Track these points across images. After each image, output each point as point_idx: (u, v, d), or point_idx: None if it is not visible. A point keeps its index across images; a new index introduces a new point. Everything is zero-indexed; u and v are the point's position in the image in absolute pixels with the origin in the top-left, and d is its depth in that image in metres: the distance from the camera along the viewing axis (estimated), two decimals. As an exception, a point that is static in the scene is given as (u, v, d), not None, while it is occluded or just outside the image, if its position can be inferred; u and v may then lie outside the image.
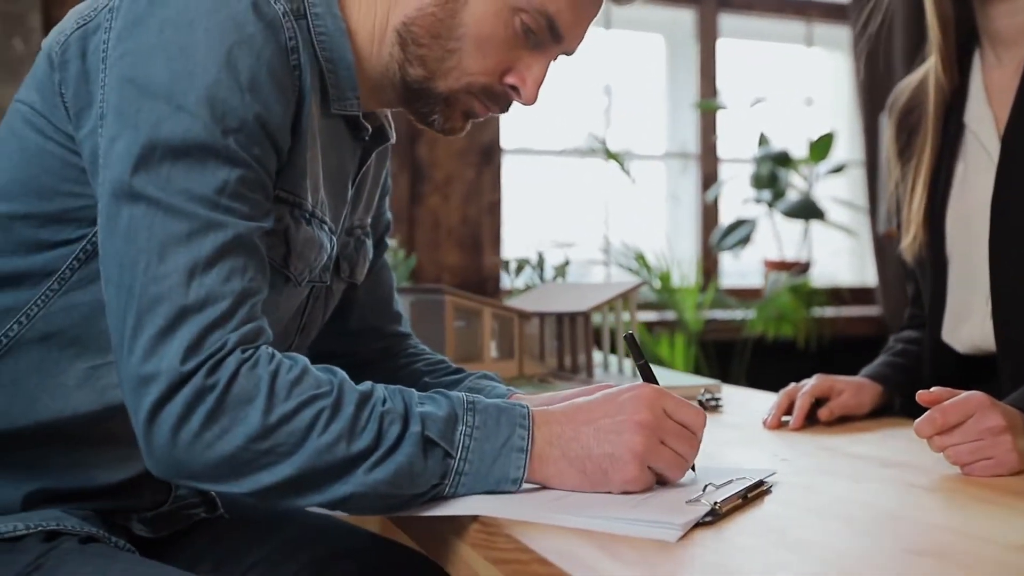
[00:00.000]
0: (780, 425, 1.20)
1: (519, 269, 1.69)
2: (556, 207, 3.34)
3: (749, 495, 0.83)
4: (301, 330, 1.03)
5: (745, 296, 3.26)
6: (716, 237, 3.15)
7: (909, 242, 1.34)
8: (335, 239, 0.98)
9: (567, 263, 1.74)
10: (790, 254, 3.25)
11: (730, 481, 0.85)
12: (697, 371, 2.85)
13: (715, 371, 2.91)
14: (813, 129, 3.45)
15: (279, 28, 0.83)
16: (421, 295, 1.49)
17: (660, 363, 2.76)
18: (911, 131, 1.38)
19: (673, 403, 0.85)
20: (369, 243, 1.12)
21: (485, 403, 0.83)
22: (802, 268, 3.23)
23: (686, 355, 2.76)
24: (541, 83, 0.97)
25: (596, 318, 1.57)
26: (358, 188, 1.07)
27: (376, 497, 0.79)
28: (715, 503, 0.78)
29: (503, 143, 3.10)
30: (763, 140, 3.22)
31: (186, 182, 0.78)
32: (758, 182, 3.19)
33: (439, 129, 0.98)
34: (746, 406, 1.37)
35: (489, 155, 3.07)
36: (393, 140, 1.07)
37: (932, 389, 0.96)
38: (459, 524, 0.82)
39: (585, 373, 1.48)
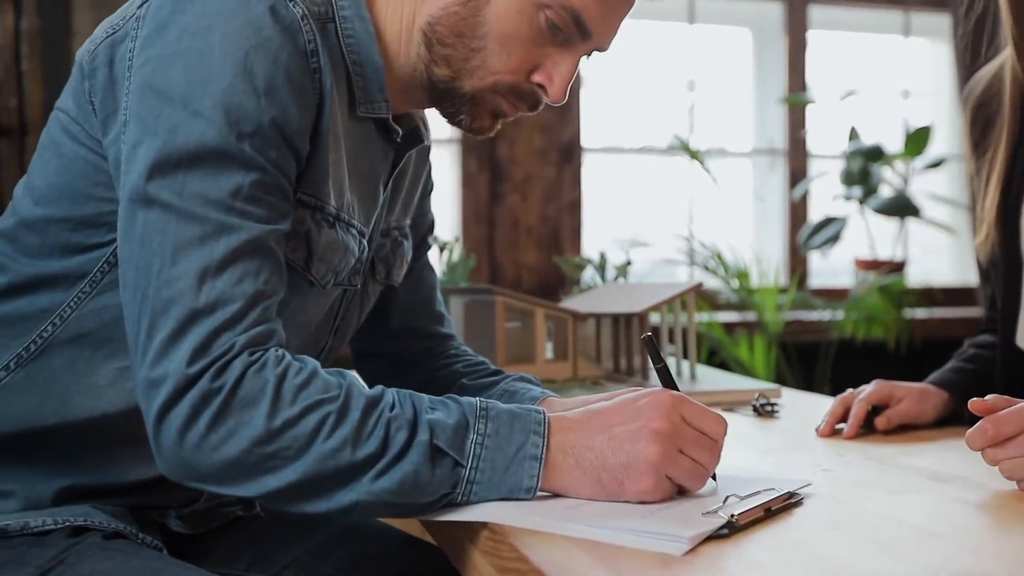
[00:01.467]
0: (833, 433, 1.15)
1: (579, 269, 1.67)
2: (639, 206, 3.29)
3: (773, 508, 0.79)
4: (335, 331, 1.04)
5: (832, 296, 3.15)
6: (803, 236, 3.06)
7: (981, 241, 1.26)
8: (366, 242, 0.98)
9: (629, 263, 1.70)
10: (884, 253, 3.13)
11: (757, 492, 0.81)
12: (778, 374, 2.77)
13: (797, 374, 2.82)
14: (910, 122, 3.31)
15: (297, 31, 0.83)
16: (473, 296, 1.48)
17: (740, 365, 2.69)
18: (986, 124, 1.30)
19: (692, 409, 0.82)
20: (407, 244, 1.12)
21: (499, 409, 0.81)
22: (895, 267, 3.10)
23: (766, 357, 2.68)
24: (569, 81, 0.95)
25: (655, 319, 1.53)
26: (394, 190, 1.07)
27: (383, 506, 0.78)
28: (732, 515, 0.75)
29: (584, 141, 3.07)
30: (853, 135, 3.10)
31: (201, 187, 0.78)
32: (848, 178, 3.08)
33: (467, 129, 0.97)
34: (806, 412, 1.31)
35: (569, 153, 3.05)
36: (428, 142, 1.06)
37: (987, 397, 0.90)
38: (472, 529, 0.81)
39: (640, 376, 1.45)
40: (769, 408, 1.28)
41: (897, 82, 3.47)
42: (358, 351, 1.20)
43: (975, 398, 0.90)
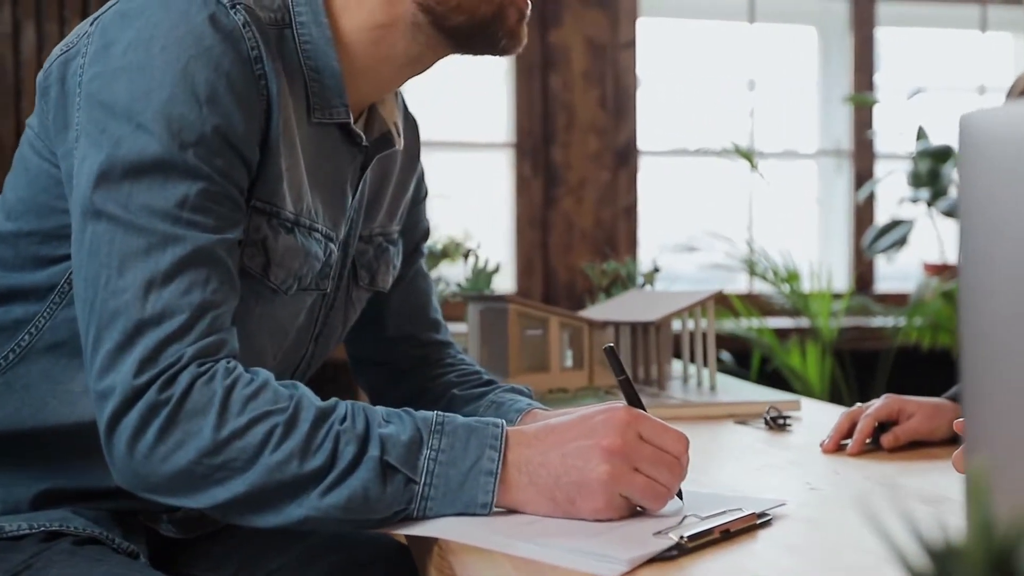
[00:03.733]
0: (838, 449, 1.10)
1: (605, 276, 1.64)
2: (698, 209, 3.23)
3: (732, 530, 0.76)
4: (316, 338, 1.04)
5: (895, 302, 3.04)
6: (868, 239, 2.96)
7: None
8: (334, 246, 0.98)
9: (656, 270, 1.67)
10: (955, 257, 3.01)
11: (722, 512, 0.78)
12: (832, 383, 2.69)
13: (852, 384, 2.73)
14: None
15: (239, 39, 0.83)
16: (488, 304, 1.47)
17: (793, 374, 2.62)
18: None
19: (650, 426, 0.79)
20: (394, 250, 1.11)
21: (456, 423, 0.80)
22: (966, 272, 2.98)
23: (820, 366, 2.60)
24: None
25: (677, 326, 1.50)
26: (376, 195, 1.06)
27: (333, 522, 0.78)
28: (682, 537, 0.72)
29: (641, 144, 3.03)
30: (921, 134, 2.99)
31: (147, 198, 0.79)
32: (916, 180, 2.97)
33: (508, 46, 0.97)
34: (822, 426, 1.26)
35: (625, 157, 3.02)
36: (399, 147, 1.05)
37: None
38: (425, 544, 0.80)
39: (657, 386, 1.42)
40: (781, 421, 1.24)
41: (973, 79, 3.34)
42: (356, 359, 1.20)
43: (960, 419, 0.85)
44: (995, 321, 0.49)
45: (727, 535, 0.76)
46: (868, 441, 1.09)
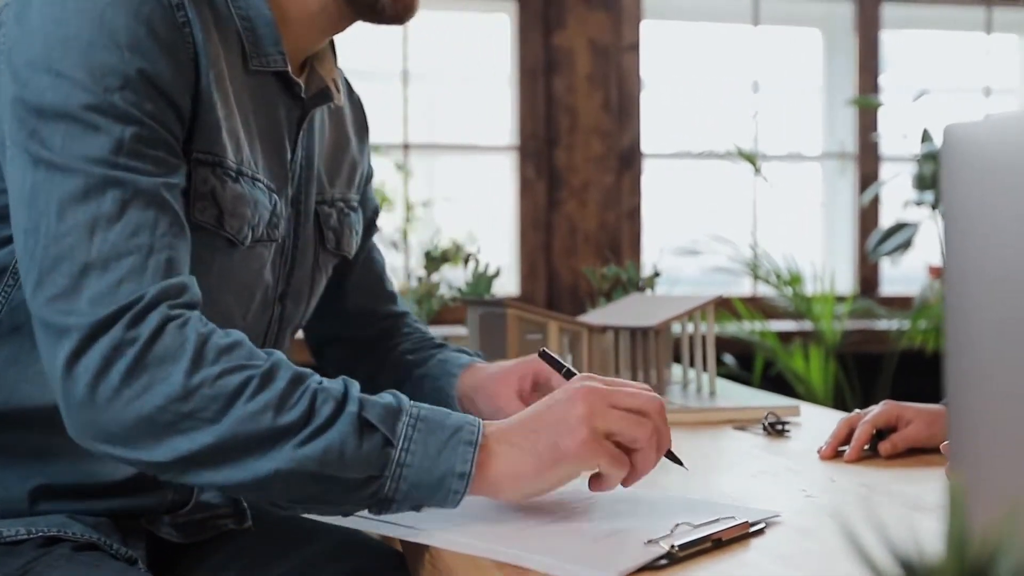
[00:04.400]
0: (836, 456, 1.10)
1: (606, 280, 1.64)
2: (702, 212, 3.23)
3: (724, 539, 0.76)
4: (282, 298, 1.04)
5: (900, 306, 3.03)
6: (872, 242, 2.95)
7: None
8: (277, 197, 0.97)
9: (657, 275, 1.67)
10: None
11: (713, 521, 0.78)
12: (836, 387, 2.68)
13: (856, 387, 2.72)
14: (989, 124, 3.17)
15: None
16: (487, 308, 1.47)
17: (796, 377, 2.61)
18: None
19: (618, 392, 0.81)
20: (355, 217, 1.14)
21: (433, 407, 0.81)
22: (971, 275, 2.97)
23: (824, 369, 2.59)
24: None
25: (677, 330, 1.50)
26: (333, 159, 1.10)
27: (304, 477, 0.75)
28: (673, 546, 0.72)
29: (644, 147, 3.03)
30: (926, 137, 2.98)
31: (81, 146, 0.79)
32: (921, 182, 2.96)
33: (397, 11, 0.97)
34: (822, 432, 1.26)
35: (629, 160, 3.01)
36: (339, 102, 1.05)
37: None
38: (418, 552, 0.80)
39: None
40: (780, 428, 1.24)
41: (978, 80, 3.33)
42: (318, 341, 1.23)
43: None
44: (980, 330, 0.49)
45: (719, 544, 0.75)
46: (866, 448, 1.09)
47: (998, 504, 0.45)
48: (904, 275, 3.23)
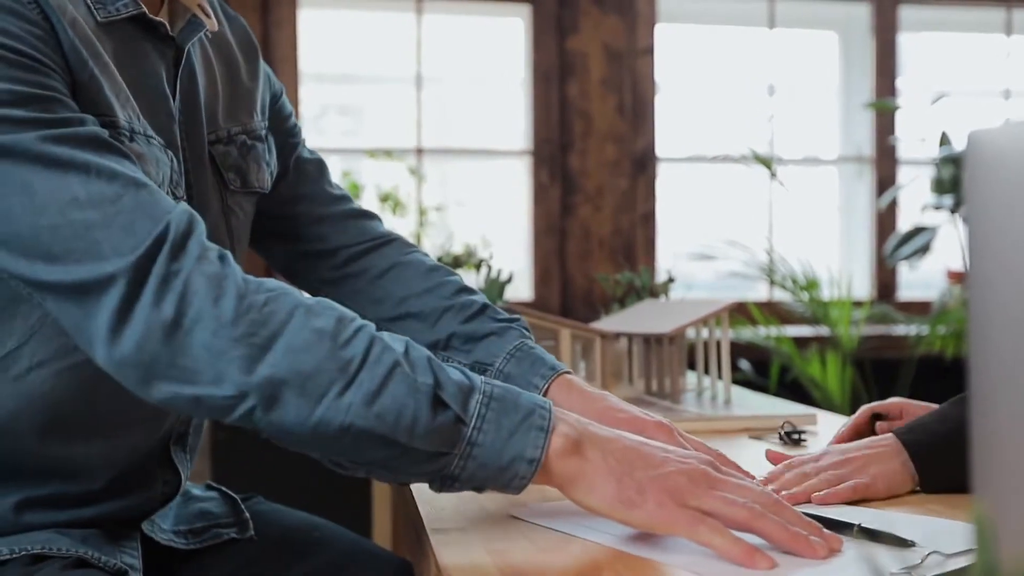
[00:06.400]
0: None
1: (619, 286, 1.62)
2: (718, 216, 3.20)
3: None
4: None
5: (918, 311, 3.00)
6: (890, 246, 2.92)
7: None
8: (171, 152, 0.92)
9: (671, 279, 1.65)
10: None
11: (963, 552, 0.67)
12: (853, 393, 2.65)
13: (873, 393, 2.69)
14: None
15: None
16: (499, 314, 1.46)
17: (813, 383, 2.58)
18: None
19: (726, 481, 0.75)
20: (262, 147, 1.06)
21: (503, 384, 0.77)
22: (991, 280, 2.93)
23: (841, 375, 2.56)
24: None
25: (692, 335, 1.48)
26: (227, 90, 1.02)
27: (374, 439, 0.71)
28: None
29: (659, 151, 3.01)
30: (944, 140, 2.95)
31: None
32: (939, 186, 2.93)
33: None
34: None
35: (643, 164, 2.99)
36: (212, 26, 0.98)
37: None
38: (424, 563, 0.78)
39: (670, 399, 1.40)
40: (796, 437, 1.22)
41: (998, 83, 3.29)
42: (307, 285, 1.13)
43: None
44: (1007, 341, 0.47)
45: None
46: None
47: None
48: (922, 280, 3.19)
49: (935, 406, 1.10)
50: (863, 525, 0.75)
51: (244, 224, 1.05)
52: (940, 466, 0.89)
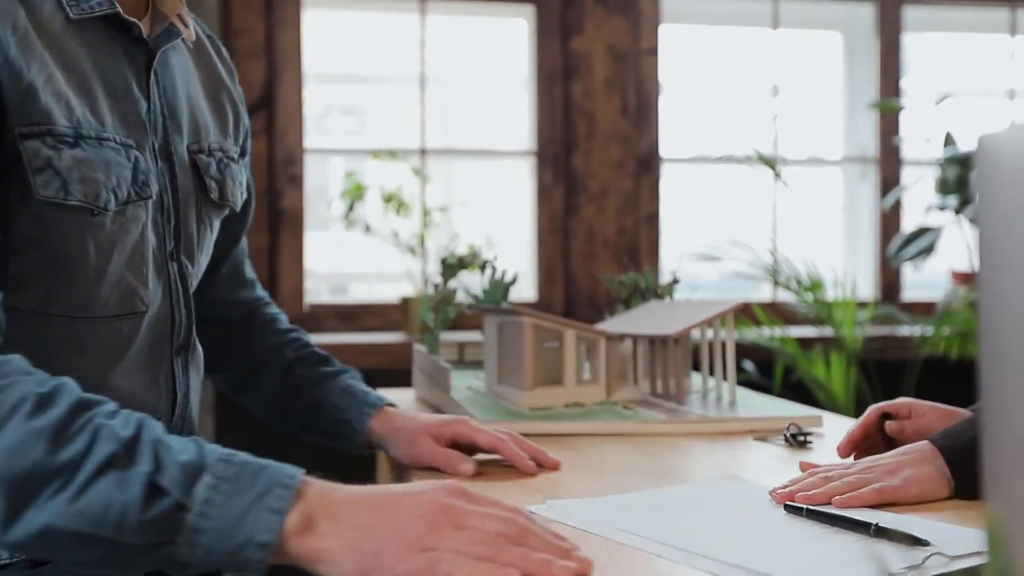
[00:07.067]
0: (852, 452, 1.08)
1: (624, 287, 1.62)
2: (722, 217, 3.20)
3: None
4: (174, 255, 1.00)
5: (922, 311, 2.99)
6: (894, 247, 2.91)
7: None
8: (137, 153, 0.92)
9: (676, 281, 1.65)
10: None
11: (969, 555, 0.68)
12: (858, 394, 2.64)
13: (877, 394, 2.68)
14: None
15: None
16: (504, 316, 1.45)
17: (817, 384, 2.58)
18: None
19: (482, 497, 0.73)
20: (236, 168, 1.09)
21: (246, 457, 0.72)
22: (995, 281, 2.92)
23: (845, 376, 2.56)
24: None
25: (696, 336, 1.48)
26: (210, 103, 1.06)
27: (76, 538, 0.67)
28: None
29: (663, 151, 3.01)
30: (948, 141, 2.95)
31: None
32: (943, 187, 2.93)
33: None
34: (845, 442, 1.24)
35: (647, 164, 2.99)
36: (189, 36, 1.00)
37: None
38: None
39: (675, 401, 1.39)
40: (802, 438, 1.21)
41: (1002, 83, 3.29)
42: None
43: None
44: (1017, 342, 0.46)
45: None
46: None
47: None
48: (927, 280, 3.19)
49: (943, 406, 1.10)
50: (880, 525, 0.75)
51: (209, 236, 1.07)
52: (976, 471, 0.88)
